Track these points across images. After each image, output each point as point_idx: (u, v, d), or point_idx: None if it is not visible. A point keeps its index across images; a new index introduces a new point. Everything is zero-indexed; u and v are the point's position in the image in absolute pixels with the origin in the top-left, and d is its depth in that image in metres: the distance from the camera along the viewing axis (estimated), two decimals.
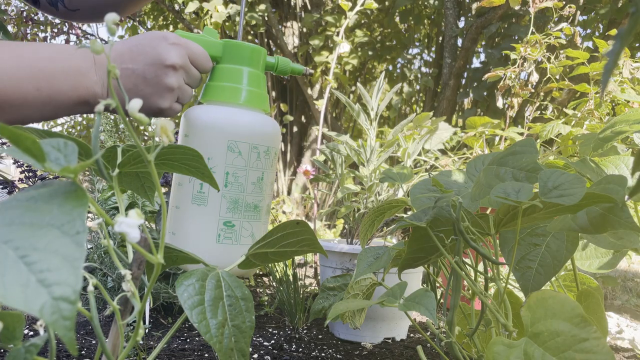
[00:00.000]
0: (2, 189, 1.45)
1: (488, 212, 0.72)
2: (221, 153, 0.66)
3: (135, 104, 0.29)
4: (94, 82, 0.65)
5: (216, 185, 0.52)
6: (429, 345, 1.20)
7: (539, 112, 2.08)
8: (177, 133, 0.83)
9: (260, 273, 2.02)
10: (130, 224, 0.28)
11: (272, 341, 1.20)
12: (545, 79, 1.66)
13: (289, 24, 3.56)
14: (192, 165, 0.47)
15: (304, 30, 3.52)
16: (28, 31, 4.76)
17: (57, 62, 0.63)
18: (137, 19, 4.47)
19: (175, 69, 0.67)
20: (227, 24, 3.25)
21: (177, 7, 3.64)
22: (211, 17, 3.08)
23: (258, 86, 0.71)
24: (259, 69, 0.72)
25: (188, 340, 1.19)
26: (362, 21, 3.67)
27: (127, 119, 0.44)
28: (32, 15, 4.67)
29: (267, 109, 0.73)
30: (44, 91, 0.62)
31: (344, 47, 2.19)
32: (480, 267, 0.70)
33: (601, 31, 3.02)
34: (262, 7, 3.21)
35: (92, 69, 0.65)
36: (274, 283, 1.62)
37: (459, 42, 3.22)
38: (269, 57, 0.75)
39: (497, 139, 1.75)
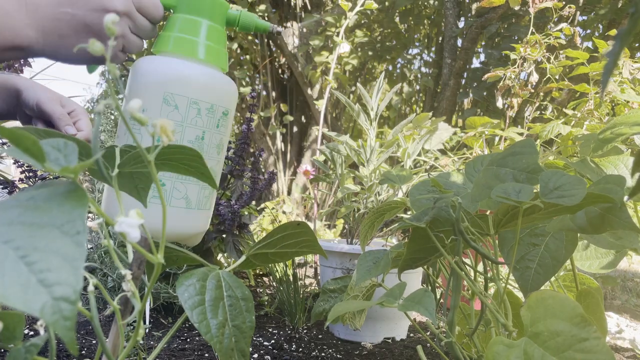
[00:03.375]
0: (3, 189, 1.45)
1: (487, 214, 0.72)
2: (156, 105, 0.61)
3: (135, 104, 0.29)
4: (25, 24, 0.60)
5: (215, 185, 0.52)
6: (428, 345, 1.21)
7: (538, 112, 2.08)
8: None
9: (260, 273, 2.02)
10: (131, 224, 0.28)
11: (272, 341, 1.20)
12: (545, 79, 1.66)
13: (289, 24, 3.56)
14: (191, 165, 0.47)
15: (304, 30, 3.52)
16: None
17: None
18: None
19: (122, 15, 0.64)
20: None
21: None
22: None
23: (214, 40, 0.66)
24: (218, 22, 0.67)
25: (188, 340, 1.19)
26: (362, 21, 3.67)
27: (127, 119, 0.44)
28: None
29: (224, 67, 0.68)
30: None
31: (344, 47, 2.19)
32: (480, 268, 0.70)
33: (601, 31, 3.02)
34: (262, 7, 3.21)
35: (22, 10, 0.60)
36: (274, 283, 1.62)
37: (459, 42, 3.22)
38: (232, 10, 0.70)
39: (496, 139, 1.75)
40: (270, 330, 1.31)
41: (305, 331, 1.31)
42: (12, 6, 0.59)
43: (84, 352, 1.06)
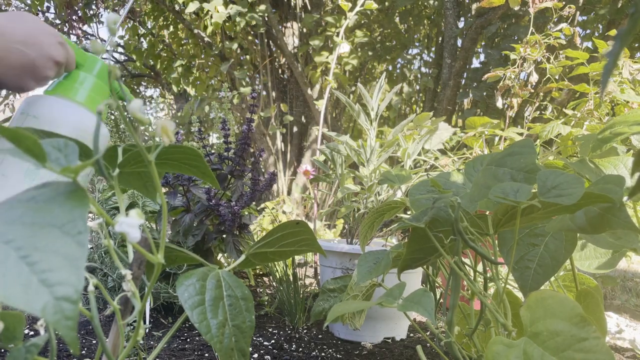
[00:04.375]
0: None
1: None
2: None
3: (136, 105, 0.29)
4: None
5: (217, 184, 0.52)
6: (428, 345, 1.21)
7: (538, 112, 2.08)
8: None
9: (260, 273, 2.02)
10: (131, 224, 0.28)
11: (272, 341, 1.21)
12: (544, 79, 1.66)
13: (289, 24, 3.56)
14: (192, 164, 0.47)
15: (304, 30, 3.52)
16: None
17: None
18: (138, 19, 4.47)
19: (58, 65, 0.76)
20: (227, 24, 3.25)
21: (177, 7, 3.64)
22: (211, 17, 3.08)
23: (101, 96, 0.83)
24: (106, 83, 0.84)
25: (188, 340, 1.19)
26: (362, 21, 3.67)
27: (128, 118, 0.44)
28: None
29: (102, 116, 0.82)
30: None
31: (344, 47, 2.19)
32: (480, 268, 0.70)
33: (601, 31, 3.02)
34: (262, 7, 3.21)
35: None
36: (274, 283, 1.62)
37: (459, 42, 3.23)
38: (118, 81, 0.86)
39: (496, 139, 1.75)
40: (270, 330, 1.31)
41: (305, 331, 1.31)
42: None
43: (84, 352, 1.06)
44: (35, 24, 0.74)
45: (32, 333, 1.18)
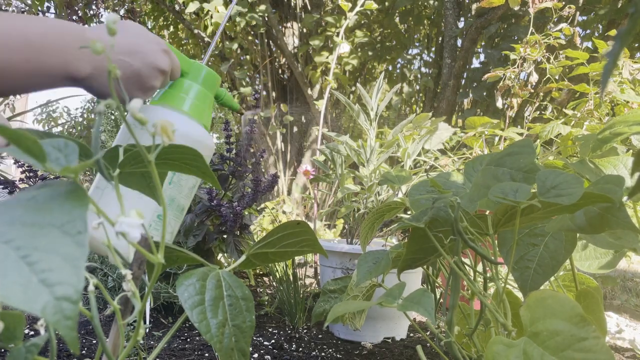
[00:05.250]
0: (3, 188, 1.45)
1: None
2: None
3: (135, 104, 0.29)
4: (86, 61, 0.66)
5: (218, 184, 0.53)
6: (428, 345, 1.21)
7: (538, 112, 2.09)
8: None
9: (261, 273, 2.02)
10: (131, 223, 0.28)
11: (272, 341, 1.21)
12: (544, 79, 1.66)
13: (289, 24, 3.56)
14: (192, 164, 0.47)
15: (304, 30, 3.52)
16: None
17: (49, 37, 0.64)
18: (138, 20, 4.47)
19: (164, 74, 0.73)
20: (227, 24, 3.25)
21: (177, 7, 3.64)
22: (211, 17, 3.08)
23: (206, 105, 0.81)
24: (211, 91, 0.82)
25: (188, 339, 1.19)
26: (362, 22, 3.67)
27: (128, 118, 0.44)
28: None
29: (207, 125, 0.81)
30: (32, 64, 0.63)
31: (344, 47, 2.19)
32: (480, 268, 0.70)
33: (600, 31, 3.02)
34: (262, 7, 3.21)
35: (84, 49, 0.65)
36: (274, 283, 1.62)
37: (459, 42, 3.23)
38: (222, 89, 0.86)
39: (496, 139, 1.75)
40: (270, 330, 1.31)
41: (305, 331, 1.31)
42: (75, 43, 0.66)
43: (84, 352, 1.06)
44: (139, 32, 0.72)
45: (32, 333, 1.18)
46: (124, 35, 0.71)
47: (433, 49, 3.96)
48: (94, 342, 1.13)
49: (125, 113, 0.32)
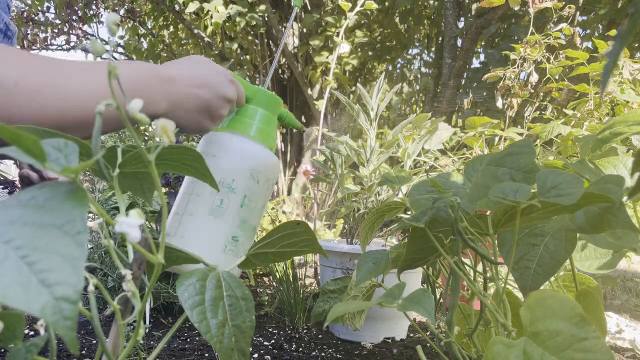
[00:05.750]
0: (3, 189, 1.45)
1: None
2: (245, 178, 0.77)
3: (135, 105, 0.29)
4: (162, 97, 0.71)
5: (216, 186, 0.53)
6: (428, 345, 1.21)
7: (538, 112, 2.08)
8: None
9: (260, 273, 2.02)
10: (131, 224, 0.28)
11: (272, 341, 1.21)
12: (544, 79, 1.66)
13: (289, 24, 3.56)
14: (191, 165, 0.47)
15: (304, 30, 3.52)
16: (29, 31, 4.76)
17: (129, 82, 0.67)
18: (137, 19, 4.47)
19: (231, 103, 0.78)
20: (227, 24, 3.25)
21: (177, 7, 3.64)
22: (211, 17, 3.08)
23: (273, 129, 0.85)
24: (276, 115, 0.86)
25: (188, 340, 1.19)
26: (362, 21, 3.67)
27: (128, 119, 0.44)
28: (33, 16, 4.68)
29: (273, 148, 0.85)
30: (119, 110, 0.65)
31: (344, 47, 2.19)
32: (480, 268, 0.70)
33: (601, 31, 3.02)
34: (262, 7, 3.21)
35: (159, 85, 0.70)
36: (274, 283, 1.62)
37: (459, 42, 3.23)
38: (284, 110, 0.90)
39: (496, 139, 1.75)
40: (270, 330, 1.31)
41: (305, 331, 1.31)
42: (154, 81, 0.70)
43: (84, 352, 1.06)
44: (207, 65, 0.77)
45: (32, 333, 1.18)
46: (194, 68, 0.75)
47: (433, 49, 3.96)
48: (94, 342, 1.13)
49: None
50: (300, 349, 1.15)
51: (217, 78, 0.76)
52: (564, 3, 1.70)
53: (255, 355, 1.09)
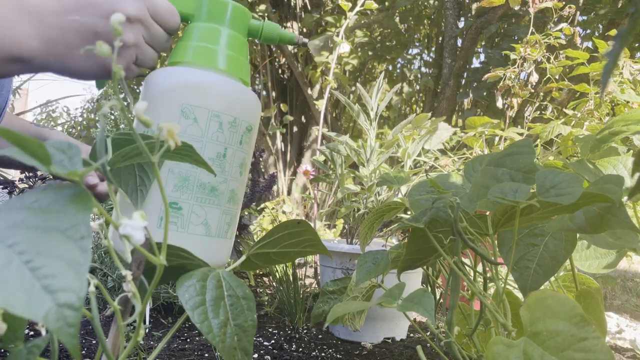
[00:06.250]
0: (3, 189, 1.45)
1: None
2: (173, 118, 0.56)
3: (141, 106, 0.29)
4: (28, 34, 0.54)
5: (212, 170, 0.47)
6: (428, 345, 1.21)
7: (538, 112, 2.09)
8: None
9: (261, 273, 2.02)
10: (135, 226, 0.29)
11: (272, 341, 1.21)
12: (545, 79, 1.66)
13: (289, 24, 3.56)
14: (182, 152, 0.45)
15: (304, 30, 3.52)
16: None
17: None
18: None
19: (131, 23, 0.57)
20: None
21: None
22: None
23: (236, 50, 0.61)
24: (240, 31, 0.63)
25: (188, 340, 1.19)
26: (362, 21, 3.67)
27: (129, 118, 0.44)
28: None
29: (245, 79, 0.63)
30: None
31: (344, 47, 2.19)
32: (480, 268, 0.70)
33: (601, 31, 3.02)
34: (262, 7, 3.21)
35: (24, 19, 0.54)
36: (274, 283, 1.62)
37: (459, 42, 3.23)
38: (254, 20, 0.66)
39: (496, 139, 1.75)
40: (270, 330, 1.31)
41: (305, 331, 1.31)
42: (12, 14, 0.53)
43: (84, 352, 1.06)
44: None
45: (32, 333, 1.18)
46: None
47: (433, 48, 3.96)
48: (94, 342, 1.13)
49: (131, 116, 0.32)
50: (300, 349, 1.15)
51: None
52: (564, 3, 1.70)
53: (255, 356, 1.09)
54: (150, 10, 0.59)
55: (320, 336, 1.28)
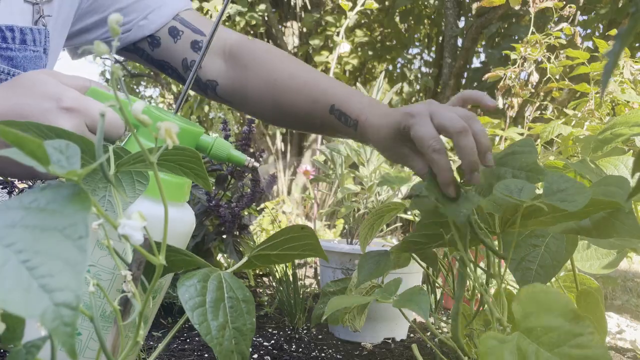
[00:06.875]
0: (2, 188, 1.45)
1: None
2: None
3: (138, 106, 0.29)
4: None
5: (209, 187, 0.49)
6: (428, 345, 1.21)
7: (539, 112, 2.08)
8: None
9: (260, 273, 2.02)
10: (134, 226, 0.28)
11: (272, 341, 1.20)
12: (545, 79, 1.66)
13: (288, 23, 3.56)
14: (188, 167, 0.46)
15: (304, 30, 3.52)
16: None
17: None
18: None
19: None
20: (226, 23, 3.25)
21: None
22: (211, 17, 3.08)
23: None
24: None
25: (188, 340, 1.19)
26: (362, 21, 3.67)
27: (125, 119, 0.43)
28: None
29: (184, 197, 0.60)
30: None
31: (344, 47, 2.19)
32: (481, 267, 0.70)
33: (601, 31, 3.02)
34: (262, 7, 3.21)
35: None
36: (273, 283, 1.62)
37: (459, 42, 3.23)
38: (206, 136, 0.63)
39: (497, 139, 1.75)
40: (270, 330, 1.31)
41: (305, 331, 1.31)
42: None
43: None
44: (31, 89, 0.54)
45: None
46: (6, 97, 0.54)
47: (433, 48, 3.96)
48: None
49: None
50: (300, 350, 1.15)
51: (38, 107, 0.53)
52: (564, 2, 1.70)
53: (255, 356, 1.09)
54: (90, 126, 0.55)
55: (320, 336, 1.28)
